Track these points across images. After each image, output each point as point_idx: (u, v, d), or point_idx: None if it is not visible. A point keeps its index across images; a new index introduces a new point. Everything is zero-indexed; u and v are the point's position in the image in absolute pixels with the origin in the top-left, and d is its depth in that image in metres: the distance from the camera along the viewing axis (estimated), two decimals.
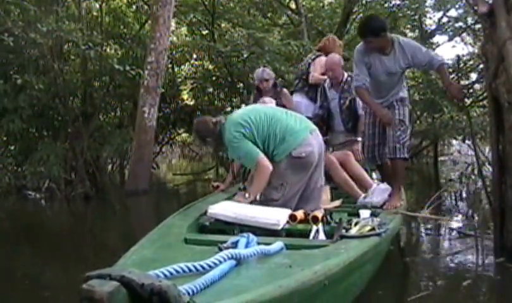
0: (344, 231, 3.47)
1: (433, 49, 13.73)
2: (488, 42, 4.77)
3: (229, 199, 4.80)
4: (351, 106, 5.77)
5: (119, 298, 1.69)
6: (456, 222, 6.56)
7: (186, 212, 4.36)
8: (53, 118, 11.32)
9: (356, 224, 3.61)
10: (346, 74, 5.90)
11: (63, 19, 10.35)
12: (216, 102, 14.96)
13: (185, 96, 15.27)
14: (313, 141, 4.29)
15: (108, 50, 11.39)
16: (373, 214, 4.08)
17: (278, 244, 3.00)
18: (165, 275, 2.26)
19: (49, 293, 4.29)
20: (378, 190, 4.87)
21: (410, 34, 15.04)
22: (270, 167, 4.14)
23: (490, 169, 5.43)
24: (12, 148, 11.29)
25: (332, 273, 2.55)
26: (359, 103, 5.66)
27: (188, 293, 2.02)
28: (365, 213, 4.08)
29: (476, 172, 8.41)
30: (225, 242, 2.92)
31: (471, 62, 13.81)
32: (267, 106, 5.10)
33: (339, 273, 2.63)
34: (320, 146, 4.37)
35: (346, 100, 5.77)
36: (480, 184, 7.29)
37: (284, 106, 5.89)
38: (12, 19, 9.57)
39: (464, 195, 8.38)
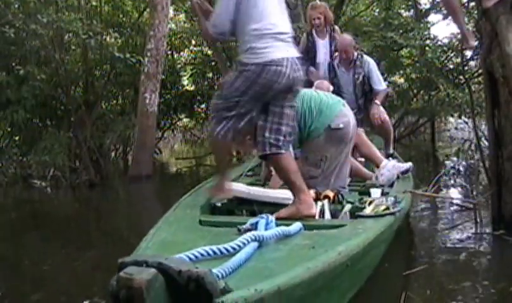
0: (348, 211, 3.52)
1: (428, 28, 13.80)
2: (482, 18, 4.85)
3: (236, 179, 4.81)
4: (364, 82, 5.89)
5: (157, 286, 1.66)
6: (455, 196, 6.62)
7: (198, 193, 4.32)
8: (56, 108, 11.47)
9: (370, 203, 3.63)
10: (355, 53, 6.03)
11: (63, 10, 10.46)
12: (216, 87, 15.06)
13: (185, 82, 15.38)
14: (347, 112, 4.31)
15: (108, 38, 11.46)
16: (383, 193, 4.09)
17: (297, 224, 2.97)
18: (190, 259, 2.23)
19: (56, 280, 4.37)
20: (386, 170, 4.86)
21: (405, 14, 15.09)
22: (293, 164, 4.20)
23: (487, 143, 5.51)
24: (16, 138, 11.38)
25: (354, 253, 2.57)
26: (376, 78, 5.87)
27: (219, 278, 1.96)
28: (375, 192, 4.11)
29: (473, 146, 8.51)
30: (241, 223, 2.91)
31: None
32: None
33: (359, 253, 2.65)
34: (353, 118, 4.37)
35: (359, 75, 5.91)
36: (477, 158, 7.39)
37: (310, 82, 5.88)
38: (12, 11, 9.65)
39: (462, 169, 8.46)
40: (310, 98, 4.23)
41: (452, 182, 7.83)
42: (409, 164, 5.09)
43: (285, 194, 3.75)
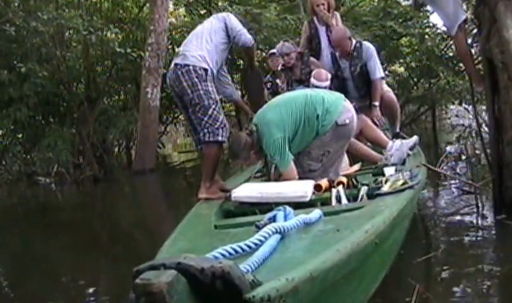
0: (365, 193, 3.48)
1: (428, 17, 13.80)
2: (481, 5, 4.87)
3: (247, 181, 4.66)
4: (362, 72, 5.80)
5: (179, 288, 1.50)
6: (458, 181, 6.62)
7: (207, 201, 4.12)
8: (58, 105, 11.59)
9: (386, 181, 3.59)
10: (354, 41, 5.86)
11: (63, 7, 10.54)
12: None
13: None
14: (349, 106, 4.32)
15: (108, 34, 11.48)
16: (397, 171, 4.01)
17: (317, 212, 2.86)
18: None
19: (62, 275, 4.42)
20: (394, 149, 4.76)
21: (404, 3, 15.08)
22: (296, 177, 4.15)
23: (487, 129, 5.53)
24: (20, 136, 11.48)
25: (381, 230, 2.48)
26: (372, 67, 5.75)
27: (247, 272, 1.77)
28: (389, 170, 4.04)
29: (473, 133, 8.51)
30: (258, 221, 2.77)
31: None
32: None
33: (386, 229, 2.57)
34: (354, 111, 4.38)
35: (356, 67, 5.83)
36: (478, 144, 7.39)
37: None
38: (12, 9, 9.71)
39: (464, 155, 8.44)
40: (312, 100, 4.20)
41: (448, 166, 7.83)
42: (414, 138, 4.96)
43: (297, 192, 3.66)
